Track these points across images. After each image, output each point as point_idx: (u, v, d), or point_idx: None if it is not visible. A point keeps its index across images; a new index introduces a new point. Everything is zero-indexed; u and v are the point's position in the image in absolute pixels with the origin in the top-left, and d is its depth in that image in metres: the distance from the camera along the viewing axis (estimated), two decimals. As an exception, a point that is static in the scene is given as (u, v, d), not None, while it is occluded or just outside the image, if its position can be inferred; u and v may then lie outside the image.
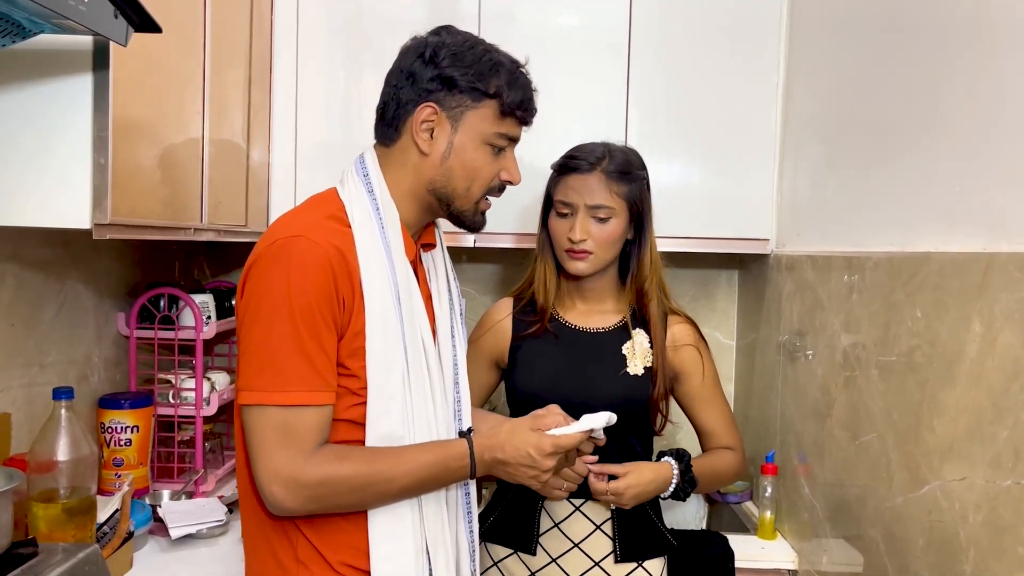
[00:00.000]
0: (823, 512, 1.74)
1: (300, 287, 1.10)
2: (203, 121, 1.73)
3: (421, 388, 1.21)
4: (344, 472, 1.13)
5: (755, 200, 2.18)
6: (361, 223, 1.19)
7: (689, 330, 1.68)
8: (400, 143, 1.25)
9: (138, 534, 1.63)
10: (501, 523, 1.66)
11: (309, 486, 1.12)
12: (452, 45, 1.22)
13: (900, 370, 1.39)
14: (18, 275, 1.63)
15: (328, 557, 1.19)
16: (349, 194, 1.23)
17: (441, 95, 1.21)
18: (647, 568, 1.62)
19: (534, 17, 2.18)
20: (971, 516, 1.17)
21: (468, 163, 1.24)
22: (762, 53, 2.16)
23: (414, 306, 1.22)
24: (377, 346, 1.16)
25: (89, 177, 1.30)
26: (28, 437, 1.56)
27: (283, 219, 1.22)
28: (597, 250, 1.59)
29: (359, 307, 1.15)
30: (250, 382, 1.13)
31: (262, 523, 1.21)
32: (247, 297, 1.15)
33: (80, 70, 1.29)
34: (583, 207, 1.58)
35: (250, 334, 1.13)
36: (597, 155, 1.60)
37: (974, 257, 1.18)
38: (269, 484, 1.11)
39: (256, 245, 1.18)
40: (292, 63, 2.18)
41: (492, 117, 1.24)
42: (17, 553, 1.21)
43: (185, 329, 1.98)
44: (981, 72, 1.23)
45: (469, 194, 1.26)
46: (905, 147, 1.46)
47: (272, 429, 1.11)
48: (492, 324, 1.71)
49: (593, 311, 1.68)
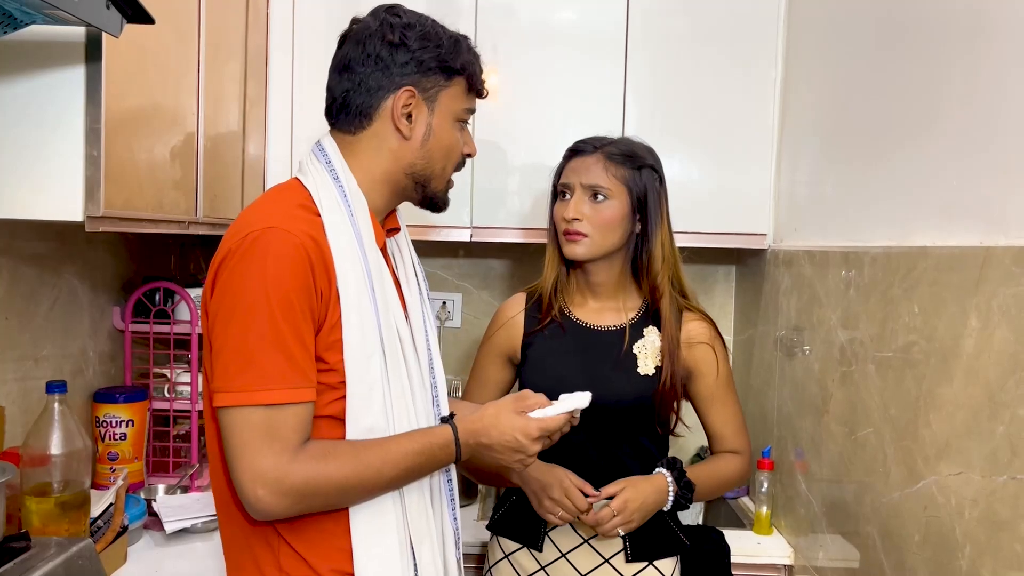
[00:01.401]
0: (819, 507, 1.73)
1: (277, 280, 1.07)
2: (198, 114, 1.72)
3: (399, 376, 1.19)
4: (330, 469, 1.09)
5: (753, 195, 2.17)
6: (330, 211, 1.16)
7: (705, 327, 1.65)
8: (372, 129, 1.22)
9: (133, 528, 1.63)
10: (510, 517, 1.66)
11: (295, 487, 1.07)
12: (416, 25, 1.21)
13: (897, 365, 1.38)
14: (12, 268, 1.62)
15: (313, 564, 1.14)
16: (314, 182, 1.20)
17: (417, 78, 1.21)
18: (659, 567, 1.60)
19: (531, 12, 2.17)
20: (967, 511, 1.16)
21: (445, 143, 1.24)
22: (760, 49, 2.15)
23: (387, 293, 1.19)
24: (354, 337, 1.13)
25: (82, 169, 1.29)
26: (22, 431, 1.56)
27: (251, 210, 1.18)
28: (593, 233, 1.57)
29: (335, 297, 1.12)
30: (228, 383, 1.07)
31: (242, 531, 1.16)
32: (220, 293, 1.10)
33: (73, 61, 1.28)
34: (579, 186, 1.58)
35: (226, 332, 1.08)
36: (604, 141, 1.61)
37: (971, 251, 1.18)
38: (253, 488, 1.06)
39: (224, 238, 1.14)
40: (288, 56, 2.17)
41: (461, 94, 1.25)
42: (10, 547, 1.21)
43: (180, 323, 1.98)
44: (978, 68, 1.23)
45: (444, 173, 1.27)
46: (902, 142, 1.45)
47: (254, 430, 1.06)
48: (505, 320, 1.70)
49: (605, 308, 1.66)
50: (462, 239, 2.20)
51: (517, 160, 2.19)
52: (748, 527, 2.05)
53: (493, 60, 2.16)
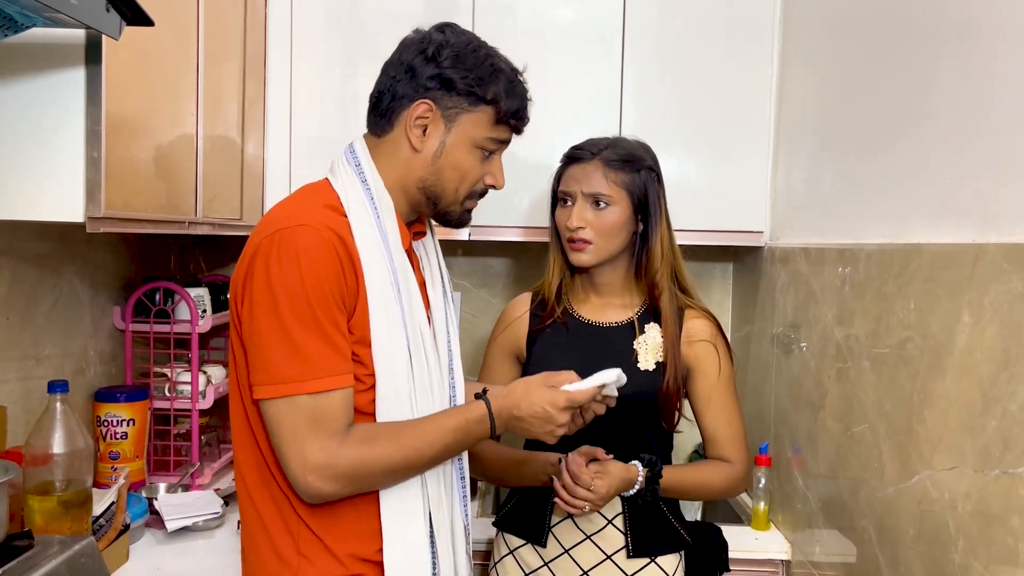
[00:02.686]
0: (816, 503, 1.74)
1: (313, 273, 1.11)
2: (197, 114, 1.73)
3: (421, 375, 1.22)
4: (376, 451, 1.14)
5: (749, 193, 2.18)
6: (357, 212, 1.20)
7: (706, 325, 1.66)
8: (392, 135, 1.25)
9: (134, 527, 1.64)
10: (515, 513, 1.67)
11: (344, 471, 1.12)
12: (456, 45, 1.22)
13: (892, 362, 1.40)
14: (13, 269, 1.63)
15: (333, 548, 1.18)
16: (342, 183, 1.23)
17: (439, 94, 1.22)
18: (660, 564, 1.61)
19: (529, 10, 2.18)
20: (960, 506, 1.18)
21: (458, 164, 1.25)
22: (756, 46, 2.16)
23: (411, 294, 1.23)
24: (381, 332, 1.17)
25: (82, 170, 1.30)
26: (24, 430, 1.57)
27: (280, 208, 1.21)
28: (597, 239, 1.59)
29: (362, 294, 1.16)
30: (274, 374, 1.11)
31: (260, 517, 1.20)
32: (255, 289, 1.12)
33: (73, 64, 1.29)
34: (580, 194, 1.59)
35: (265, 325, 1.11)
36: (601, 146, 1.61)
37: (964, 248, 1.19)
38: (303, 474, 1.11)
39: (252, 235, 1.17)
40: (287, 56, 2.18)
41: (486, 122, 1.25)
42: (13, 545, 1.22)
43: (181, 323, 1.99)
44: (971, 66, 1.24)
45: (456, 195, 1.27)
46: (897, 140, 1.46)
47: (303, 418, 1.11)
48: (511, 320, 1.73)
49: (607, 305, 1.68)
50: (461, 238, 2.20)
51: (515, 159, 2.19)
52: (746, 523, 2.07)
53: (490, 59, 2.17)
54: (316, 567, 1.18)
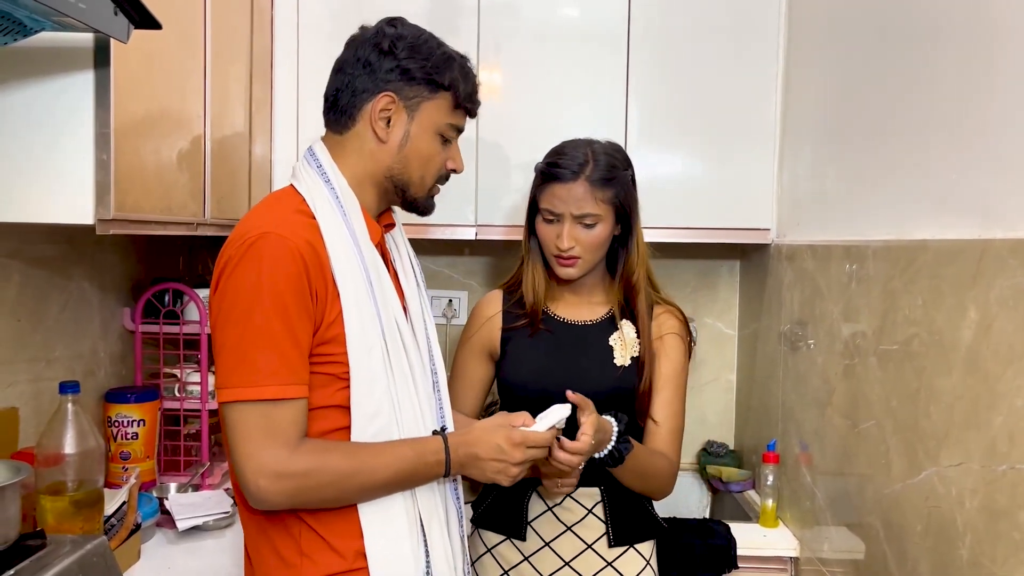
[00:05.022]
0: (824, 500, 1.75)
1: (272, 282, 1.12)
2: (205, 116, 1.74)
3: (400, 366, 1.24)
4: (328, 464, 1.15)
5: (755, 191, 2.18)
6: (324, 212, 1.21)
7: (674, 319, 1.67)
8: (355, 130, 1.28)
9: (145, 526, 1.65)
10: (493, 510, 1.67)
11: (295, 478, 1.13)
12: (409, 37, 1.27)
13: (898, 358, 1.40)
14: (23, 271, 1.64)
15: (335, 545, 1.20)
16: (306, 186, 1.25)
17: (399, 85, 1.25)
18: (639, 550, 1.63)
19: (534, 10, 2.18)
20: (967, 501, 1.18)
21: (421, 151, 1.28)
22: (761, 44, 2.16)
23: (385, 288, 1.24)
24: (355, 331, 1.18)
25: (92, 173, 1.31)
26: (35, 431, 1.58)
27: (248, 218, 1.22)
28: (585, 255, 1.59)
29: (333, 296, 1.18)
30: (226, 379, 1.14)
31: (260, 520, 1.22)
32: (220, 297, 1.15)
33: (82, 67, 1.30)
34: (569, 216, 1.57)
35: (224, 332, 1.14)
36: (580, 161, 1.57)
37: (969, 244, 1.19)
38: (255, 478, 1.12)
39: (225, 245, 1.19)
40: (293, 57, 2.19)
41: (446, 108, 1.29)
42: (26, 545, 1.22)
43: (190, 323, 2.00)
44: (975, 63, 1.23)
45: (423, 182, 1.31)
46: (902, 136, 1.46)
47: (254, 424, 1.12)
48: (484, 319, 1.72)
49: (582, 303, 1.69)
50: (467, 237, 2.21)
51: (521, 158, 2.19)
52: (754, 520, 2.07)
53: (496, 58, 2.18)
54: (319, 565, 1.19)
